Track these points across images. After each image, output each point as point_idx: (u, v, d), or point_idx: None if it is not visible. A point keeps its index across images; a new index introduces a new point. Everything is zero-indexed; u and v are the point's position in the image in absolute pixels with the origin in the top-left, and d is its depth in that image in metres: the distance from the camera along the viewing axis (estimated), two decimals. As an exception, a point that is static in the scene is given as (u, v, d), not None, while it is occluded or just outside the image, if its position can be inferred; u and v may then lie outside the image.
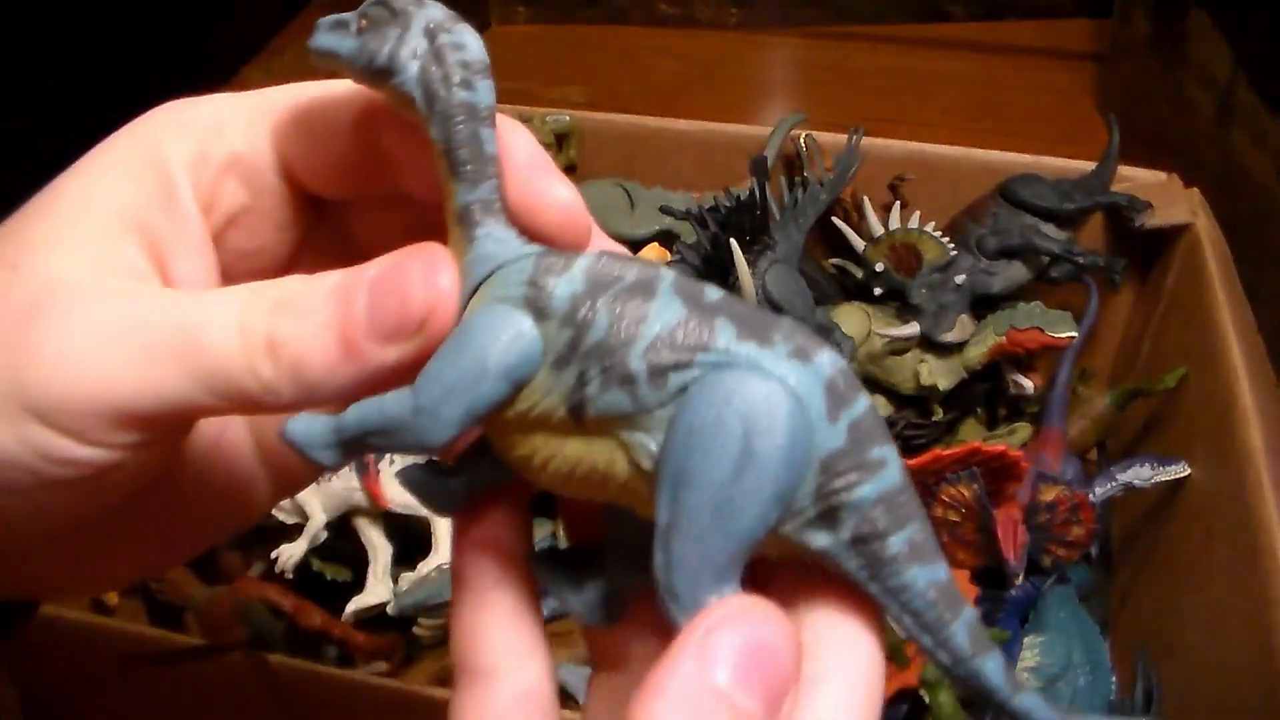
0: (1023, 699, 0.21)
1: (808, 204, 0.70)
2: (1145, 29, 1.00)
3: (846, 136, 0.72)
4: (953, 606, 0.21)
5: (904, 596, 0.21)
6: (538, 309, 0.21)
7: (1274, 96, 0.77)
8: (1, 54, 0.96)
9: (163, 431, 0.23)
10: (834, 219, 0.73)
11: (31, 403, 0.21)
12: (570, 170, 0.80)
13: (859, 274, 0.71)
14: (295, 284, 0.22)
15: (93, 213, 0.23)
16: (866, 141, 0.72)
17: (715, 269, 0.64)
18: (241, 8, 1.15)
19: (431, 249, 0.22)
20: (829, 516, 0.21)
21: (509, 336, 0.21)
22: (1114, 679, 0.58)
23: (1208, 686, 0.51)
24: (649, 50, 1.16)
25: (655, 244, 0.73)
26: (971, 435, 0.68)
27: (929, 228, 0.69)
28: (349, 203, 0.27)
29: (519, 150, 0.23)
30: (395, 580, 0.61)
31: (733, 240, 0.62)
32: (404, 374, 0.22)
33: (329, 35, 0.23)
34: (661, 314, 0.21)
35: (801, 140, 0.73)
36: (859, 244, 0.71)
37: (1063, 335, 0.64)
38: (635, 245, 0.73)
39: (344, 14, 0.23)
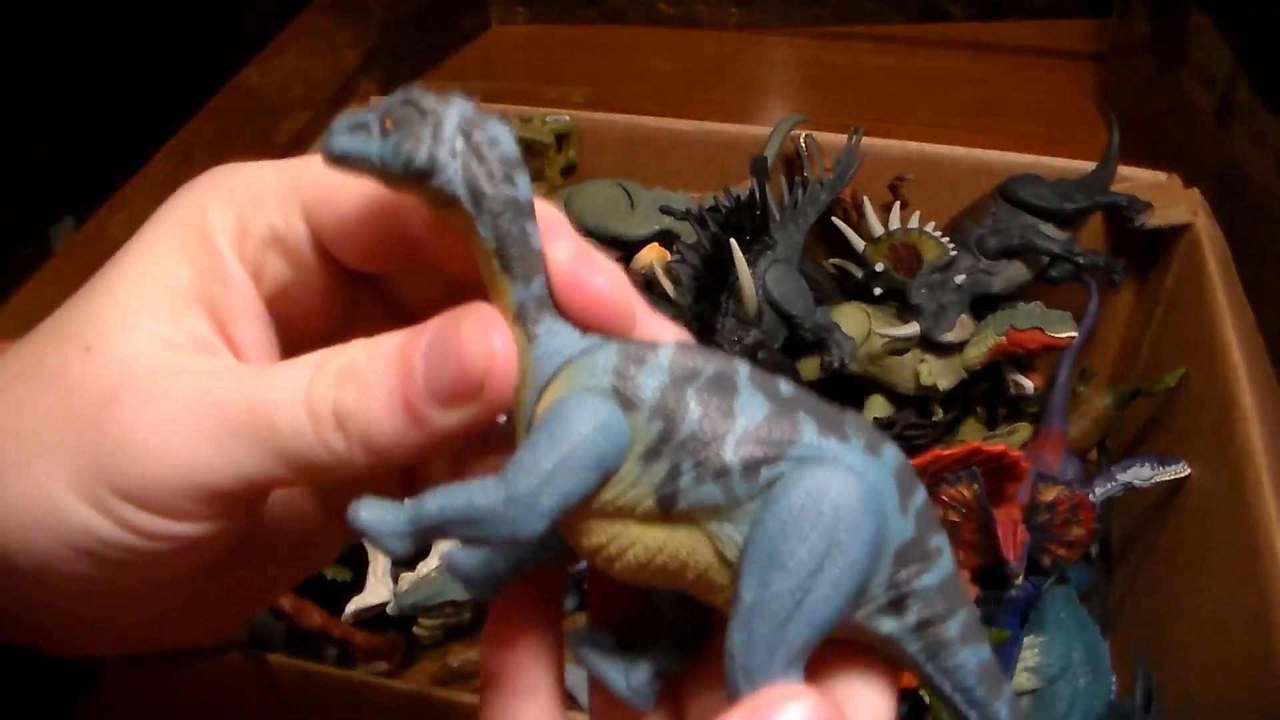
0: None
1: (808, 204, 0.70)
2: (1145, 29, 1.00)
3: (846, 136, 0.72)
4: (996, 685, 0.23)
5: (957, 676, 0.23)
6: (625, 400, 0.22)
7: (1274, 96, 0.77)
8: (2, 54, 0.96)
9: (246, 503, 0.24)
10: (834, 219, 0.73)
11: (121, 487, 0.22)
12: (570, 170, 0.80)
13: (859, 274, 0.71)
14: (356, 352, 0.23)
15: (157, 291, 0.24)
16: (866, 141, 0.72)
17: (715, 269, 0.64)
18: (241, 8, 1.15)
19: (481, 310, 0.23)
20: (898, 604, 0.22)
21: (603, 426, 0.21)
22: (1114, 679, 0.58)
23: (1208, 686, 0.51)
24: (649, 50, 1.16)
25: (655, 244, 0.73)
26: (971, 435, 0.68)
27: (929, 228, 0.69)
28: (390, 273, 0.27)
29: (560, 245, 0.23)
30: (395, 580, 0.61)
31: (733, 240, 0.62)
32: (471, 432, 0.23)
33: (350, 138, 0.22)
34: (746, 409, 0.21)
35: (801, 140, 0.73)
36: (859, 244, 0.71)
37: (1063, 335, 0.64)
38: (635, 245, 0.73)
39: (362, 114, 0.22)
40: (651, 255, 0.71)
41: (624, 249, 0.74)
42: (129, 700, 0.58)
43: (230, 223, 0.24)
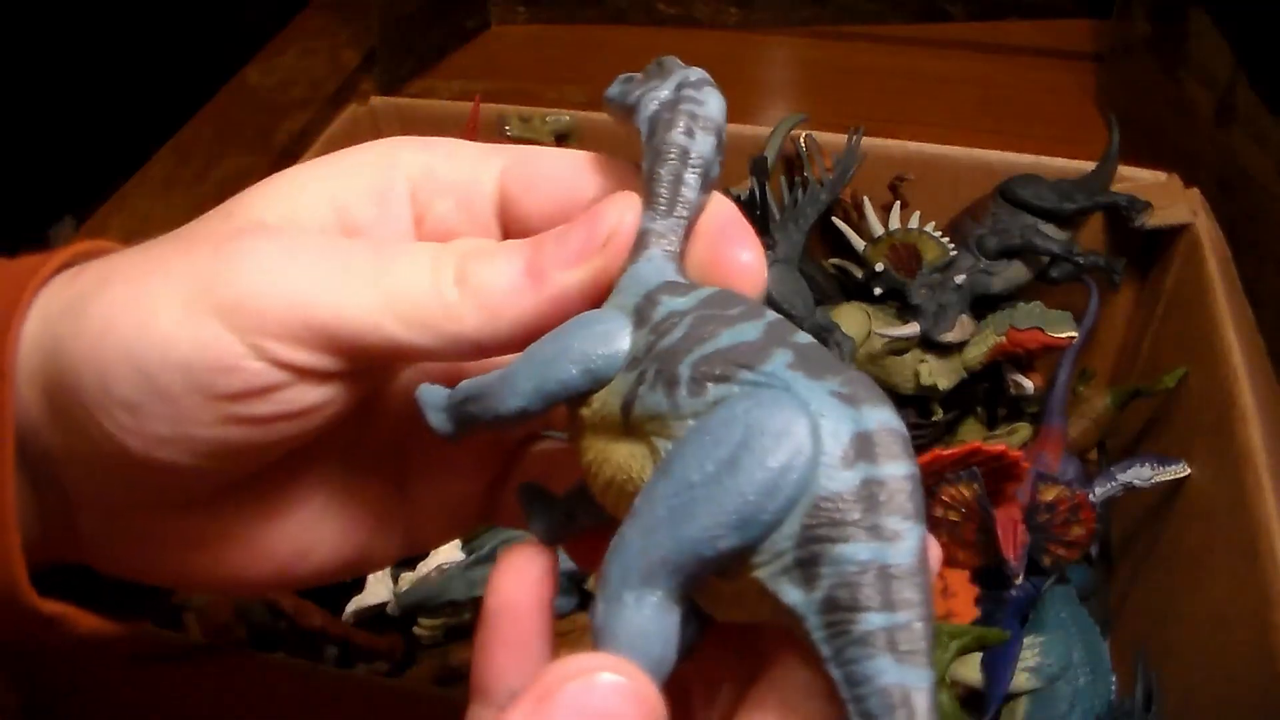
0: None
1: (808, 204, 0.70)
2: (1145, 29, 1.00)
3: (846, 136, 0.72)
4: None
5: (861, 690, 0.17)
6: (640, 318, 0.22)
7: (1274, 96, 0.77)
8: (2, 54, 0.96)
9: (332, 357, 0.23)
10: (834, 219, 0.73)
11: (216, 301, 0.22)
12: (570, 170, 0.80)
13: (859, 274, 0.71)
14: (492, 242, 0.25)
15: (310, 187, 0.25)
16: (866, 141, 0.72)
17: (715, 269, 0.64)
18: (241, 8, 1.15)
19: (622, 192, 0.24)
20: (807, 567, 0.18)
21: (598, 330, 0.22)
22: (1114, 679, 0.58)
23: (1208, 686, 0.51)
24: (649, 50, 1.14)
25: (655, 244, 0.73)
26: (971, 435, 0.68)
27: (929, 228, 0.69)
28: None
29: (720, 213, 0.24)
30: (395, 580, 0.61)
31: (733, 240, 0.62)
32: (581, 308, 0.23)
33: (615, 86, 0.26)
34: (733, 334, 0.20)
35: (801, 140, 0.73)
36: (859, 244, 0.71)
37: (1063, 335, 0.64)
38: (635, 245, 0.73)
39: (629, 75, 0.26)
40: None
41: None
42: (129, 700, 0.58)
43: (419, 161, 0.26)
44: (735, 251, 0.24)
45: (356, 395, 0.25)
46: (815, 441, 0.18)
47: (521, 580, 0.23)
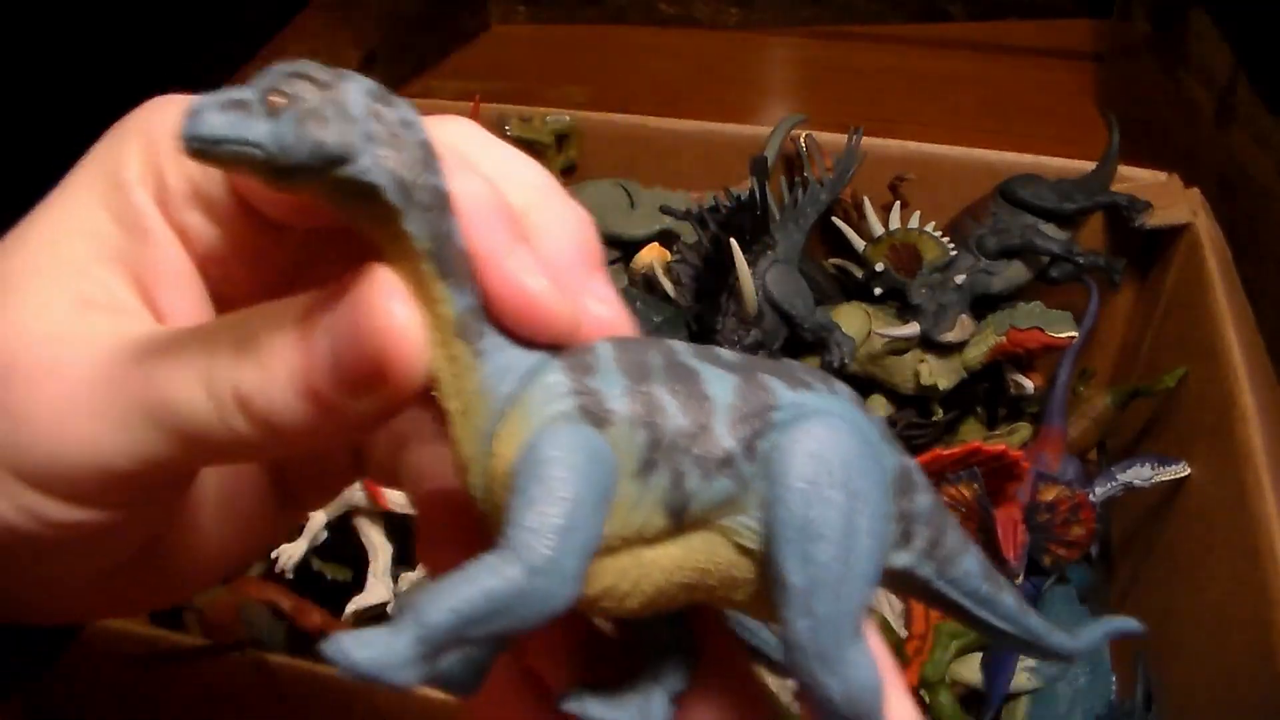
0: (1055, 636, 0.25)
1: (808, 204, 0.70)
2: (1145, 29, 1.00)
3: (846, 136, 0.72)
4: (995, 579, 0.23)
5: (965, 583, 0.23)
6: (596, 417, 0.19)
7: (1274, 96, 0.77)
8: (2, 54, 0.96)
9: (153, 487, 0.22)
10: (834, 219, 0.73)
11: (20, 468, 0.20)
12: (570, 170, 0.80)
13: (859, 274, 0.71)
14: (257, 321, 0.20)
15: (70, 242, 0.22)
16: (866, 141, 0.72)
17: (715, 269, 0.64)
18: (241, 8, 1.15)
19: (376, 280, 0.19)
20: (906, 534, 0.22)
21: (593, 455, 0.19)
22: (1114, 679, 0.58)
23: (1208, 686, 0.51)
24: (649, 50, 1.16)
25: (655, 244, 0.73)
26: (971, 435, 0.68)
27: (929, 228, 0.69)
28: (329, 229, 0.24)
29: (490, 237, 0.20)
30: (395, 580, 0.61)
31: (733, 240, 0.62)
32: (396, 413, 0.20)
33: (225, 117, 0.17)
34: (713, 387, 0.20)
35: (801, 140, 0.73)
36: (859, 244, 0.71)
37: (1063, 335, 0.64)
38: (635, 245, 0.73)
39: (235, 90, 0.18)
40: (651, 255, 0.71)
41: (624, 249, 0.74)
42: (130, 700, 0.58)
43: (150, 175, 0.22)
44: (525, 286, 0.20)
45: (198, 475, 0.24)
46: (868, 436, 0.21)
47: None
